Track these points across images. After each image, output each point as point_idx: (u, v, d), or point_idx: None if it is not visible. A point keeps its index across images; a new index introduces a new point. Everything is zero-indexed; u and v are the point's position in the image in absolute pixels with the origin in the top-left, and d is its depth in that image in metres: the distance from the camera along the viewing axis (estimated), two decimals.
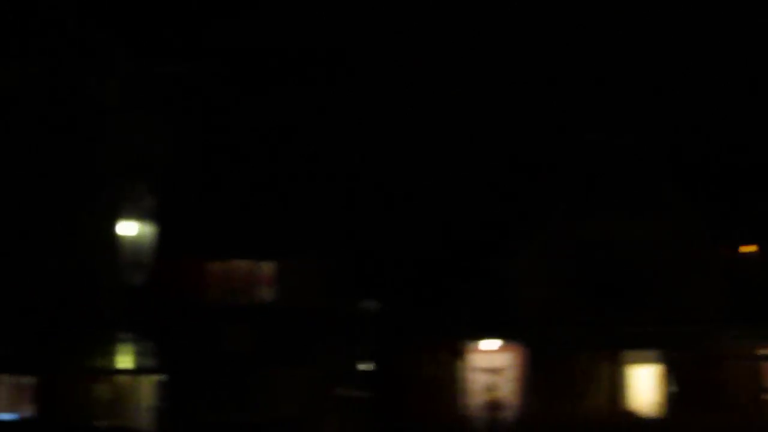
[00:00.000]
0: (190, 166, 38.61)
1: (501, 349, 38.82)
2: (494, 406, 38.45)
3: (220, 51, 39.50)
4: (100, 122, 38.02)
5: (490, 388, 38.65)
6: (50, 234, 37.21)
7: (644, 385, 38.68)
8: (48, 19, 37.60)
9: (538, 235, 38.91)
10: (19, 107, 37.32)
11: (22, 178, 37.09)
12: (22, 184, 37.06)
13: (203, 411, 36.87)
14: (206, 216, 38.10)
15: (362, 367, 38.96)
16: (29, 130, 37.22)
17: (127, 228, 37.73)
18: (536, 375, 38.29)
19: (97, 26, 37.97)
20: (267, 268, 38.34)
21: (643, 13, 39.98)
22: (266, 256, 38.38)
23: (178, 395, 36.95)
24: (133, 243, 37.83)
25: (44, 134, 37.41)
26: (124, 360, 37.15)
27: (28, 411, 35.93)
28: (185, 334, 37.33)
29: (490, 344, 38.75)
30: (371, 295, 39.47)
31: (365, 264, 39.57)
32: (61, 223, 37.33)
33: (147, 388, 36.98)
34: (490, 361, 38.82)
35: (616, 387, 38.52)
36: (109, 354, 37.03)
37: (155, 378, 36.95)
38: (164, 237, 37.87)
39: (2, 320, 36.64)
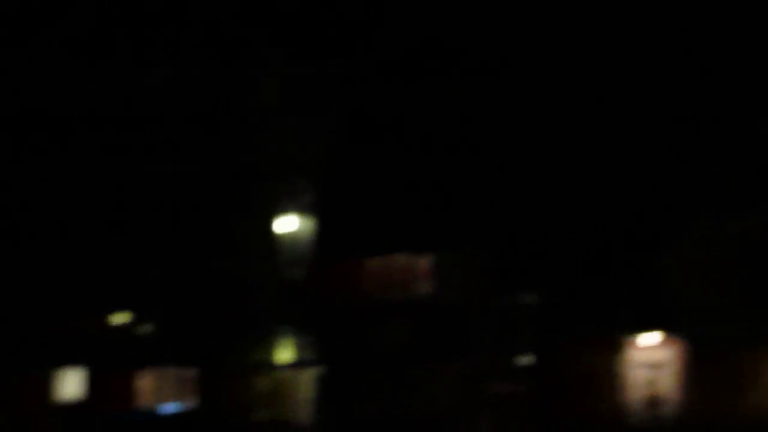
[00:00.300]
0: (348, 162, 38.93)
1: (662, 344, 37.75)
2: (654, 402, 37.46)
3: (377, 48, 39.61)
4: (259, 122, 38.81)
5: (650, 384, 37.69)
6: (213, 232, 38.26)
7: None
8: (204, 20, 38.49)
9: (700, 226, 37.67)
10: (179, 108, 38.42)
11: (184, 179, 38.24)
12: (184, 184, 38.21)
13: (360, 405, 37.25)
14: (363, 211, 38.40)
15: (520, 362, 38.55)
16: (188, 132, 38.30)
17: (286, 224, 38.37)
18: (698, 370, 37.09)
19: (252, 26, 38.65)
20: (424, 262, 38.36)
21: None
22: (423, 250, 38.41)
23: (336, 390, 37.44)
24: (292, 239, 38.45)
25: (203, 135, 38.46)
26: (283, 355, 37.84)
27: (190, 402, 37.08)
28: (343, 328, 37.78)
29: (650, 339, 37.74)
30: (530, 288, 38.96)
31: (524, 257, 39.06)
32: (222, 221, 38.31)
33: (305, 383, 37.58)
34: (651, 356, 37.80)
35: None
36: (269, 349, 37.82)
37: (313, 372, 37.49)
38: (322, 233, 38.37)
39: (168, 316, 37.95)
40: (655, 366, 37.74)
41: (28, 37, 38.42)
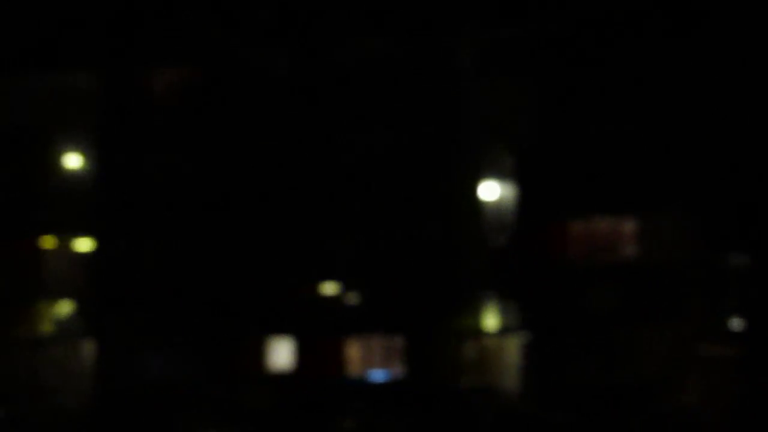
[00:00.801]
0: (549, 126, 38.52)
1: None
2: None
3: (578, 8, 38.95)
4: (461, 88, 38.72)
5: None
6: (418, 200, 38.47)
7: None
8: None
9: None
10: (380, 80, 38.65)
11: (388, 148, 38.51)
12: (388, 153, 38.49)
13: (567, 372, 36.99)
14: (567, 173, 37.98)
15: (730, 325, 37.58)
16: (389, 102, 38.51)
17: (489, 190, 38.27)
18: None
19: None
20: (630, 224, 37.72)
21: None
22: (629, 211, 37.77)
23: (542, 356, 37.26)
24: (495, 205, 38.33)
25: (404, 103, 38.61)
26: (490, 321, 37.84)
27: (398, 370, 37.48)
28: (548, 294, 37.52)
29: None
30: (741, 248, 37.89)
31: (734, 217, 37.97)
32: (427, 188, 38.46)
33: (512, 350, 37.52)
34: None
35: None
36: (475, 316, 37.87)
37: (520, 339, 37.40)
38: (524, 197, 38.12)
39: (376, 284, 38.40)
40: None
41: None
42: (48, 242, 40.38)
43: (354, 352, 38.03)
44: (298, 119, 39.32)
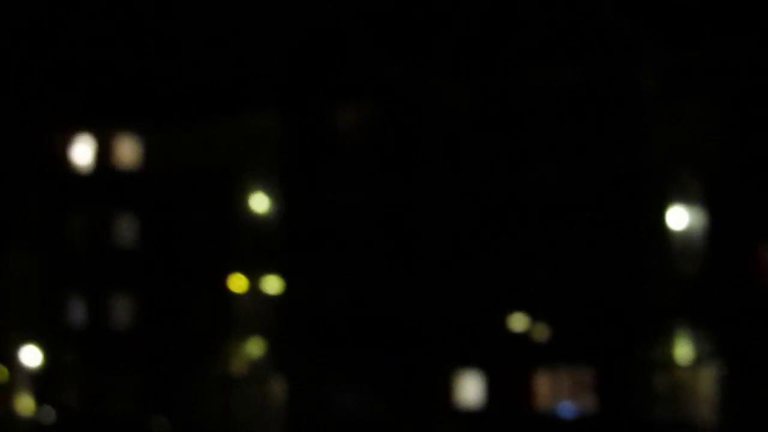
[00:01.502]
0: (735, 149, 37.24)
1: None
2: None
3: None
4: (645, 113, 37.83)
5: None
6: (605, 228, 37.64)
7: None
8: (584, 18, 37.96)
9: None
10: (564, 108, 38.09)
11: (572, 178, 37.89)
12: (572, 184, 37.85)
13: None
14: (756, 198, 36.61)
15: None
16: (575, 131, 37.90)
17: (677, 216, 37.19)
18: None
19: (628, 19, 37.76)
20: None
21: None
22: None
23: (740, 388, 35.85)
24: (685, 231, 37.22)
25: (590, 132, 37.93)
26: (682, 351, 36.67)
27: (587, 403, 36.67)
28: (745, 323, 36.11)
29: None
30: None
31: None
32: (614, 217, 37.62)
33: (706, 381, 36.24)
34: None
35: None
36: (667, 346, 36.74)
37: (714, 370, 36.11)
38: (716, 223, 36.89)
39: (563, 315, 37.70)
40: None
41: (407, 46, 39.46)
42: (238, 282, 41.15)
43: (543, 385, 37.43)
44: (481, 151, 39.06)
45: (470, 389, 38.21)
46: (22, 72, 50.29)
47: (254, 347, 40.51)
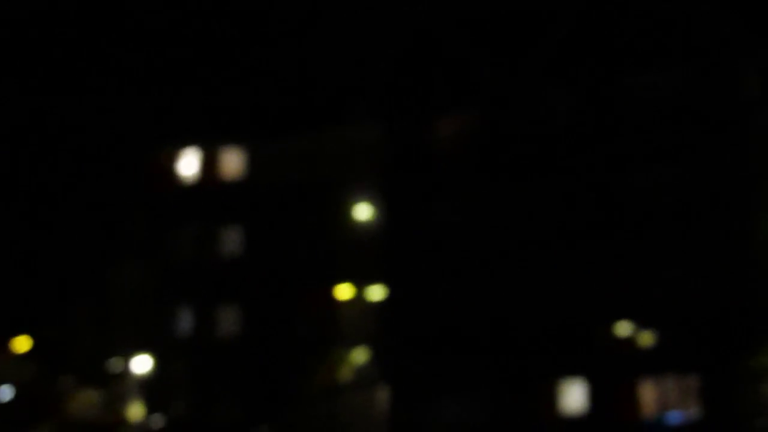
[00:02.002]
0: None
1: None
2: None
3: None
4: (749, 118, 37.44)
5: None
6: (710, 236, 37.27)
7: None
8: (688, 20, 37.67)
9: None
10: (665, 113, 37.84)
11: (674, 185, 37.62)
12: (674, 190, 37.57)
13: None
14: None
15: None
16: (674, 137, 37.64)
17: None
18: None
19: (732, 21, 37.38)
20: None
21: None
22: None
23: None
24: None
25: (690, 138, 37.64)
26: None
27: (694, 411, 36.30)
28: None
29: None
30: None
31: None
32: (718, 223, 37.27)
33: None
34: None
35: None
36: None
37: None
38: None
39: (669, 323, 37.37)
40: None
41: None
42: (343, 292, 41.48)
43: (649, 393, 37.14)
44: (585, 157, 38.89)
45: (575, 398, 38.07)
46: (130, 87, 51.26)
47: (359, 356, 40.81)
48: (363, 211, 41.44)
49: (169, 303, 45.48)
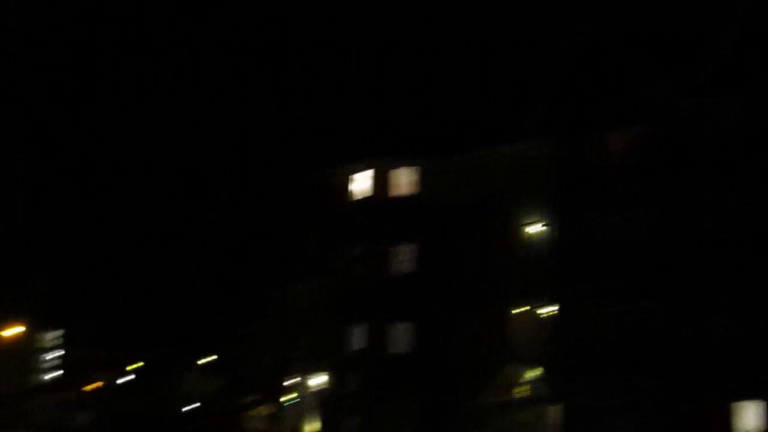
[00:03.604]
0: None
1: None
2: None
3: None
4: None
5: None
6: None
7: None
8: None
9: None
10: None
11: None
12: None
13: None
14: None
15: None
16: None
17: None
18: None
19: None
20: None
21: None
22: None
23: None
24: None
25: None
26: None
27: None
28: None
29: None
30: None
31: None
32: None
33: None
34: None
35: None
36: None
37: None
38: None
39: None
40: None
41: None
42: (514, 309, 41.21)
43: None
44: (756, 168, 37.87)
45: (750, 419, 37.01)
46: (303, 108, 52.15)
47: (530, 373, 40.51)
48: (534, 229, 41.14)
49: (342, 320, 45.93)
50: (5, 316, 64.86)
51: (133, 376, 70.59)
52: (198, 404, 62.11)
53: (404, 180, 45.19)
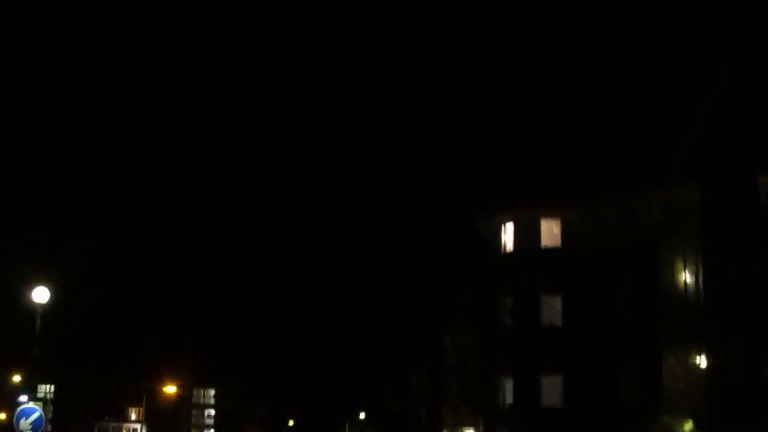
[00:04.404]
0: None
1: None
2: None
3: None
4: None
5: None
6: None
7: None
8: None
9: None
10: None
11: None
12: None
13: None
14: None
15: None
16: None
17: None
18: None
19: None
20: None
21: None
22: None
23: None
24: None
25: None
26: None
27: None
28: None
29: None
30: None
31: None
32: None
33: None
34: None
35: None
36: None
37: None
38: None
39: None
40: None
41: None
42: (668, 359, 40.08)
43: None
44: None
45: None
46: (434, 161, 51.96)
47: (683, 424, 39.38)
48: (684, 274, 40.11)
49: (493, 371, 45.34)
50: (163, 374, 66.02)
51: None
52: None
53: (552, 229, 44.57)
